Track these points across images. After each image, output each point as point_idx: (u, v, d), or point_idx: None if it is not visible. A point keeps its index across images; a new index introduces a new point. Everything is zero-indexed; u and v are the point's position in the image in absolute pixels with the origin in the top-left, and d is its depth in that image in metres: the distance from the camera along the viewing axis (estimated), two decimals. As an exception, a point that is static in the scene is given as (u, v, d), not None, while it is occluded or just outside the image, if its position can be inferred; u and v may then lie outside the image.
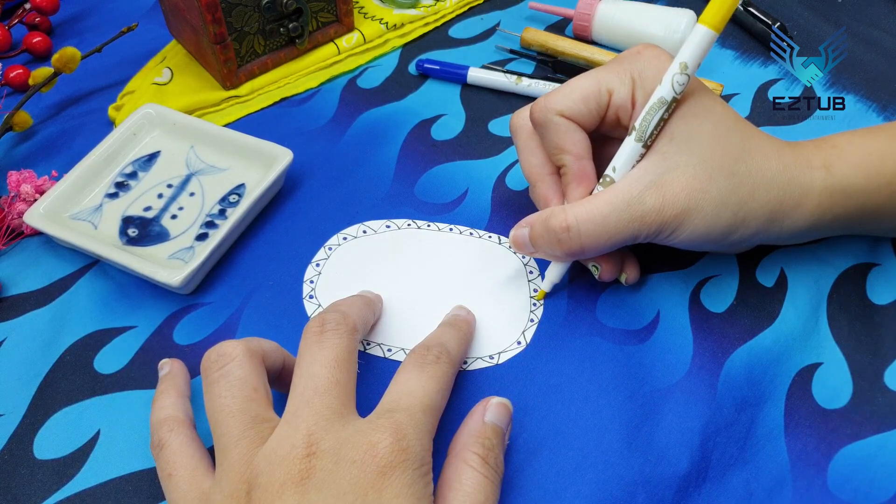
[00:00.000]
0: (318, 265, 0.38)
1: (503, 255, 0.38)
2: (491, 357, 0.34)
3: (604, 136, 0.35)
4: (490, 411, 0.29)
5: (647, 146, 0.31)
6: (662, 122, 0.31)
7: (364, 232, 0.40)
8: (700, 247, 0.33)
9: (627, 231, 0.31)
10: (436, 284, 0.37)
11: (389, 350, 0.34)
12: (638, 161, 0.31)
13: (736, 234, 0.31)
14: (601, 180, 0.32)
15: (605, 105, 0.32)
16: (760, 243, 0.35)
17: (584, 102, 0.32)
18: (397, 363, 0.34)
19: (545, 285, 0.36)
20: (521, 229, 0.34)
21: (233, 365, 0.27)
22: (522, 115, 0.35)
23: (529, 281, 0.37)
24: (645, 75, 0.31)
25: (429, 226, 0.40)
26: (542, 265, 0.37)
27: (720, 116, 0.31)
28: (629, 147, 0.31)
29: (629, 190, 0.31)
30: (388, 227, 0.40)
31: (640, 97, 0.31)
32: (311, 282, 0.37)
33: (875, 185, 0.32)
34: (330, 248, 0.39)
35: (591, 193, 0.33)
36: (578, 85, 0.32)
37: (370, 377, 0.33)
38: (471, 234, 0.39)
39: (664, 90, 0.30)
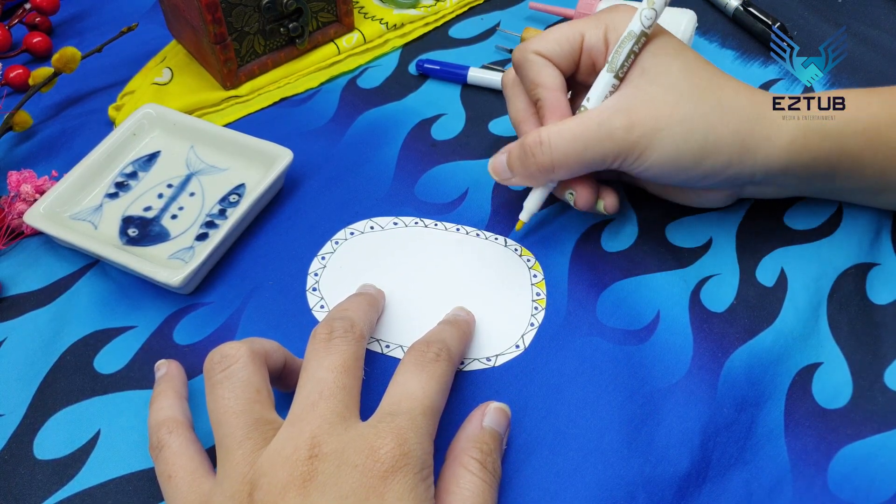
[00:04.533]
0: (323, 258, 0.38)
1: (507, 256, 0.38)
2: (488, 360, 0.34)
3: (582, 85, 0.37)
4: (488, 416, 0.29)
5: (620, 78, 0.34)
6: (633, 56, 0.33)
7: (371, 228, 0.40)
8: (671, 177, 0.33)
9: (597, 149, 0.32)
10: (438, 283, 0.37)
11: (388, 346, 0.34)
12: (612, 92, 0.34)
13: (707, 161, 0.32)
14: (577, 111, 0.35)
15: (579, 46, 0.35)
16: (736, 180, 0.34)
17: (558, 43, 0.35)
18: (395, 360, 0.34)
19: (523, 215, 0.37)
20: (501, 155, 0.36)
21: (236, 366, 0.27)
22: (509, 68, 0.38)
23: (532, 284, 0.37)
24: (617, 22, 0.34)
25: (436, 225, 0.40)
26: (545, 267, 0.37)
27: (690, 57, 0.34)
28: (603, 79, 0.34)
29: (600, 113, 0.33)
30: (395, 223, 0.40)
31: (613, 39, 0.34)
32: (316, 275, 0.38)
33: (851, 129, 0.33)
34: (336, 243, 0.39)
35: None
36: (553, 29, 0.36)
37: (368, 373, 0.33)
38: (477, 234, 0.39)
39: (633, 24, 0.33)
